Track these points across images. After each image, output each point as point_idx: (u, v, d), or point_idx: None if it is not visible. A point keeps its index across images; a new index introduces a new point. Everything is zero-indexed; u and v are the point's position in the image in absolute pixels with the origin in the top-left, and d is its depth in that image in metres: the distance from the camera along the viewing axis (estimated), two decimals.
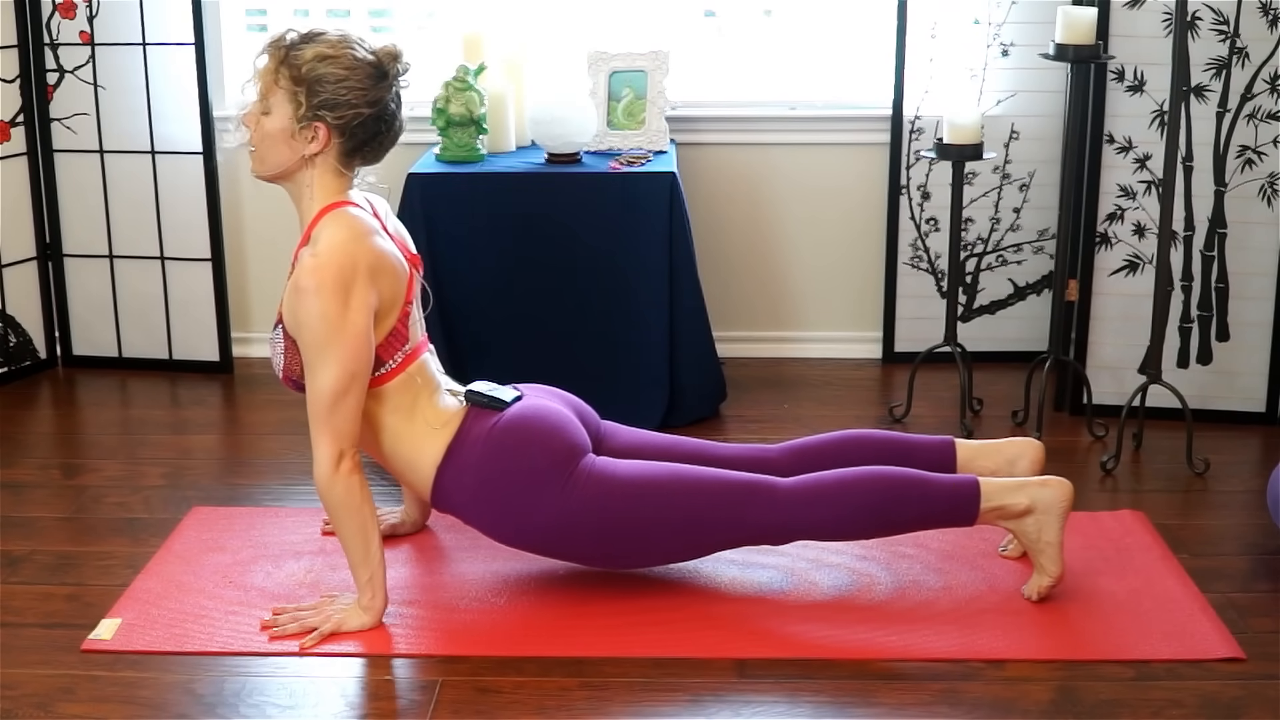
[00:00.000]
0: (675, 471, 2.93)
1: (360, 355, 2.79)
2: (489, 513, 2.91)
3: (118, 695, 2.66)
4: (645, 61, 4.18)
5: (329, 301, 2.76)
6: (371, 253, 2.81)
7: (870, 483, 2.91)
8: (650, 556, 2.98)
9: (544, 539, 2.91)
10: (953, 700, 2.63)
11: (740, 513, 2.89)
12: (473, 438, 2.90)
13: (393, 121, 2.90)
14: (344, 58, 2.82)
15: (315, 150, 2.84)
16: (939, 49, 4.26)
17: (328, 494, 2.81)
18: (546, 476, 2.86)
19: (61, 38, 4.26)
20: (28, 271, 4.38)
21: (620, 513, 2.87)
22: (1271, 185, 3.84)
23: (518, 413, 2.94)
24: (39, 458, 3.82)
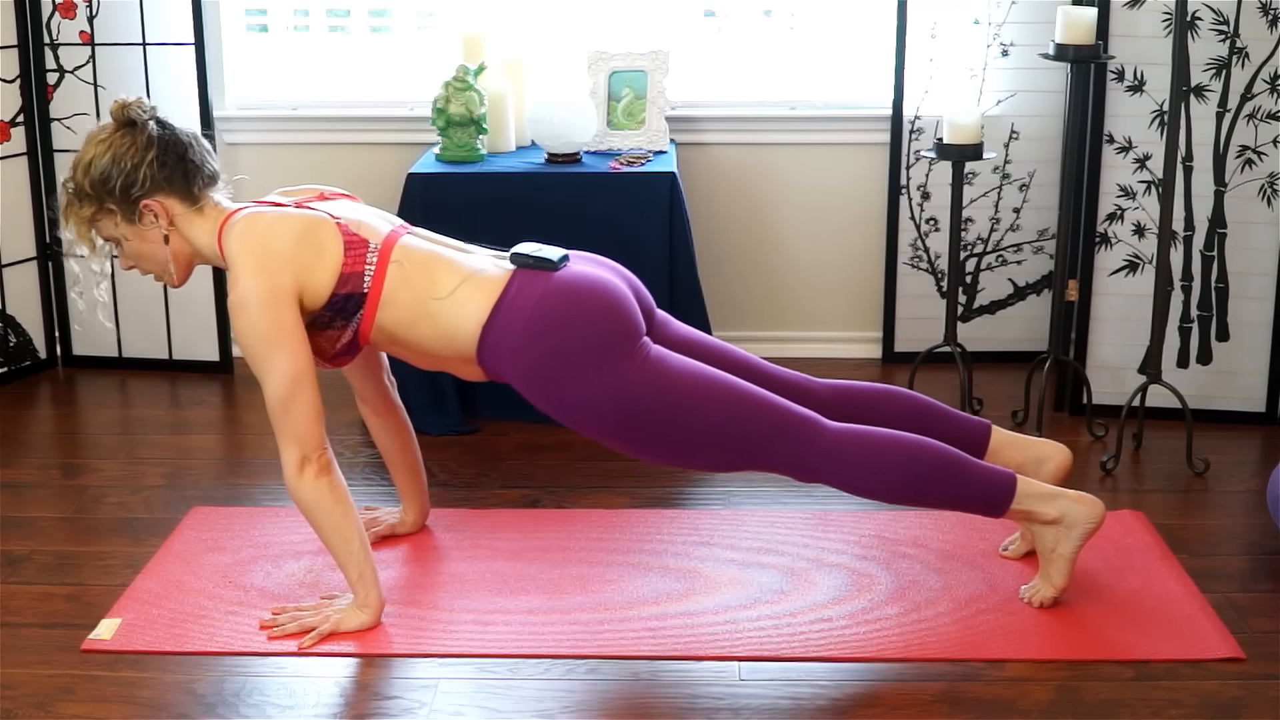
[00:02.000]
0: (728, 381, 2.86)
1: (294, 357, 2.76)
2: (531, 375, 2.82)
3: (118, 695, 2.66)
4: (645, 61, 4.19)
5: (253, 318, 2.75)
6: (272, 244, 2.78)
7: (913, 451, 2.87)
8: (680, 457, 2.90)
9: (581, 412, 2.82)
10: (953, 700, 2.63)
11: (782, 442, 2.84)
12: (521, 299, 2.82)
13: (182, 145, 2.88)
14: (92, 148, 2.85)
15: (166, 222, 2.86)
16: (939, 49, 4.26)
17: (296, 498, 2.82)
18: (597, 351, 2.79)
19: (61, 38, 4.26)
20: (28, 271, 4.38)
21: (665, 406, 2.81)
22: (1271, 185, 3.84)
23: (571, 278, 2.86)
24: (39, 458, 3.82)
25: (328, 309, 2.83)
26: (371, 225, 2.91)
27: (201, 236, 2.88)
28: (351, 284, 2.82)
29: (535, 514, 3.42)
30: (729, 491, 3.55)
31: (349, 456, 3.76)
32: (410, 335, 2.87)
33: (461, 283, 2.85)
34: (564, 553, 3.20)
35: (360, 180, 4.43)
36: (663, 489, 3.56)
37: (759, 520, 3.36)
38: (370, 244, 2.85)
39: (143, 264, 2.92)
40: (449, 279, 2.86)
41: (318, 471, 2.80)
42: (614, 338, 2.81)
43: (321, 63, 4.53)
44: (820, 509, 3.43)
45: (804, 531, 3.30)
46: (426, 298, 2.84)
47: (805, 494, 3.52)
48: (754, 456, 2.86)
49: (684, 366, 2.86)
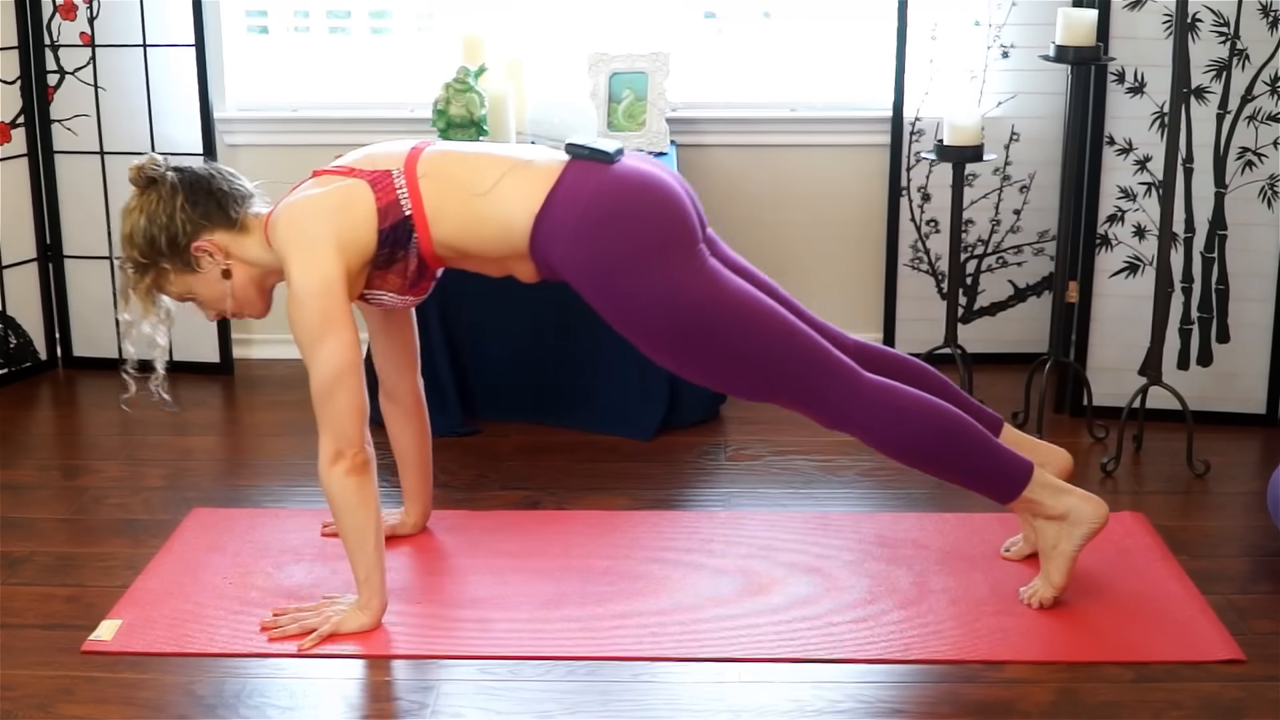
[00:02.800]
0: (779, 311, 2.85)
1: (340, 349, 2.75)
2: (585, 268, 2.79)
3: (118, 696, 2.66)
4: (645, 63, 4.19)
5: (302, 310, 2.76)
6: (308, 228, 2.80)
7: (944, 417, 2.87)
8: (717, 376, 2.88)
9: (631, 311, 2.80)
10: (953, 702, 2.63)
11: (821, 380, 2.84)
12: (576, 190, 2.79)
13: (205, 178, 2.90)
14: (127, 219, 2.88)
15: (222, 258, 2.87)
16: (939, 50, 4.26)
17: (324, 489, 2.82)
18: (655, 248, 2.78)
19: (62, 39, 4.26)
20: (28, 273, 4.38)
21: (716, 321, 2.79)
22: (1272, 187, 3.84)
23: (629, 172, 2.84)
24: (39, 459, 3.82)
25: (382, 246, 2.83)
26: (386, 153, 2.91)
27: (256, 252, 2.89)
28: (392, 214, 2.82)
29: (535, 515, 3.42)
30: (729, 493, 3.55)
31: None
32: (471, 241, 2.85)
33: (504, 174, 2.83)
34: (564, 554, 3.20)
35: None
36: (663, 491, 3.56)
37: (759, 522, 3.36)
38: (393, 170, 2.85)
39: (225, 306, 2.93)
40: (489, 172, 2.85)
41: (349, 469, 2.79)
42: (672, 237, 2.79)
43: (322, 64, 4.53)
44: (820, 511, 3.43)
45: (804, 533, 3.30)
46: (470, 197, 2.83)
47: (805, 496, 3.52)
48: (790, 390, 2.85)
49: (738, 285, 2.85)
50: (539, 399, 3.98)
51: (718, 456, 3.78)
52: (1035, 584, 2.96)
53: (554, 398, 3.95)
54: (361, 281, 2.89)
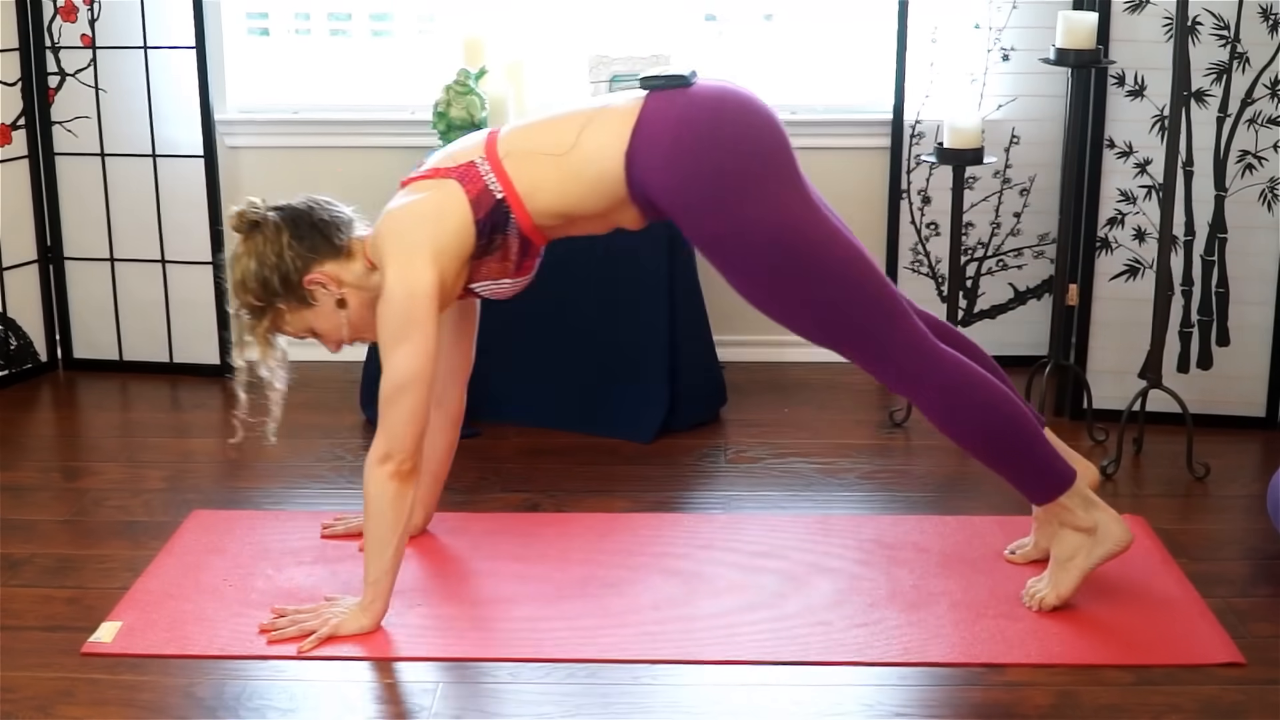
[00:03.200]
0: (867, 255, 2.84)
1: (414, 356, 2.76)
2: (685, 194, 2.77)
3: (118, 698, 2.66)
4: (646, 65, 4.18)
5: (386, 311, 2.79)
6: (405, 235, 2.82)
7: (1007, 404, 2.87)
8: (795, 315, 2.84)
9: (726, 232, 2.76)
10: (953, 704, 2.63)
11: (895, 335, 2.82)
12: (660, 119, 2.77)
13: (305, 212, 2.92)
14: (237, 265, 2.90)
15: (335, 288, 2.89)
16: (939, 53, 4.26)
17: (365, 484, 2.82)
18: (753, 158, 2.76)
19: (63, 41, 4.26)
20: (29, 274, 4.38)
21: (810, 251, 2.77)
22: (1272, 190, 3.84)
23: (713, 90, 2.82)
24: (40, 460, 3.82)
25: (481, 235, 2.84)
26: (466, 147, 2.92)
27: (365, 275, 2.90)
28: (484, 201, 2.83)
29: (535, 518, 3.42)
30: (729, 496, 3.55)
31: (349, 459, 3.76)
32: (571, 202, 2.85)
33: (583, 128, 2.83)
34: (564, 557, 3.20)
35: (361, 183, 4.42)
36: (663, 493, 3.56)
37: (759, 524, 3.36)
38: (476, 160, 2.86)
39: (343, 335, 2.95)
40: (568, 130, 2.85)
41: (394, 473, 2.79)
42: (772, 154, 2.78)
43: (323, 66, 4.53)
44: (820, 513, 3.43)
45: (804, 536, 3.30)
46: (556, 159, 2.83)
47: (806, 499, 3.53)
48: (866, 339, 2.83)
49: (837, 222, 2.83)
50: (539, 401, 3.98)
51: (718, 459, 3.78)
52: (1040, 588, 2.95)
53: (554, 400, 3.95)
54: (461, 281, 2.90)
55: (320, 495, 3.56)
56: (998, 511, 3.43)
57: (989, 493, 3.55)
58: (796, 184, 2.81)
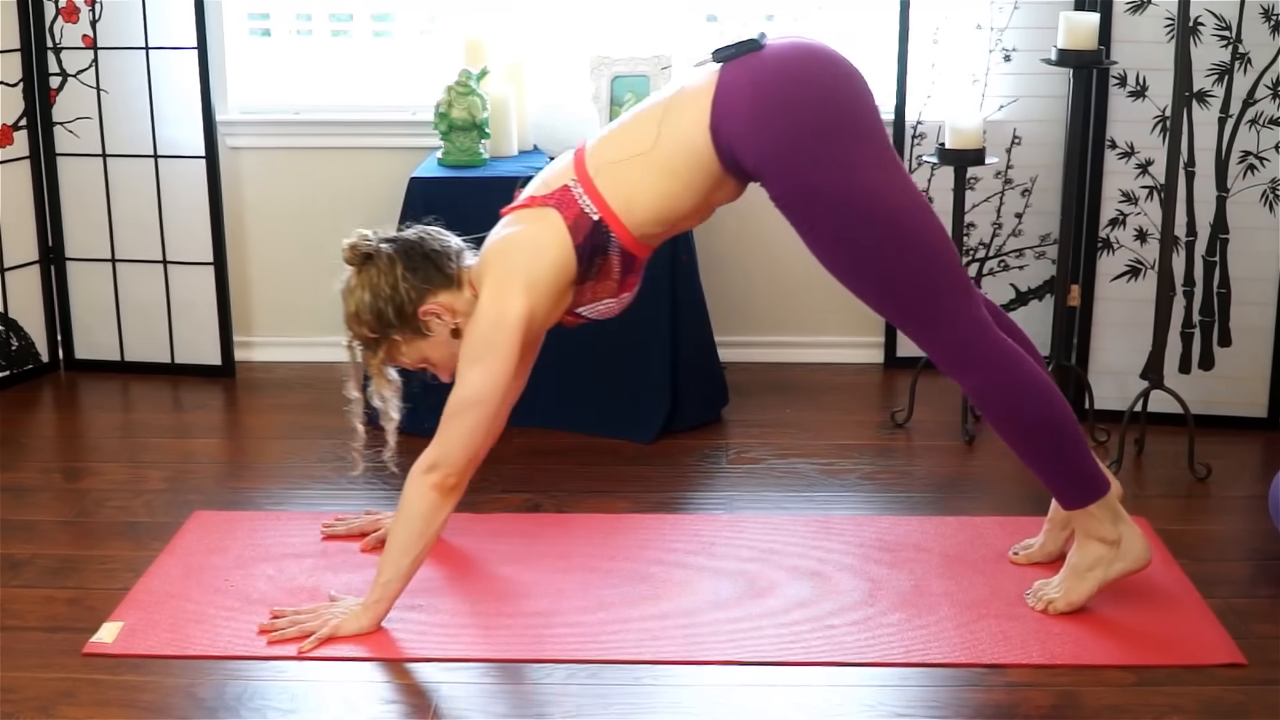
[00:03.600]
0: (944, 232, 2.82)
1: (485, 380, 2.79)
2: (772, 146, 2.76)
3: (119, 699, 2.66)
4: (647, 66, 4.19)
5: (474, 330, 2.82)
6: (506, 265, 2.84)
7: (1057, 401, 2.86)
8: (862, 277, 2.83)
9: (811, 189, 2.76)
10: (954, 705, 2.63)
11: (957, 311, 2.80)
12: (737, 85, 2.77)
13: (417, 243, 2.94)
14: (350, 298, 2.93)
15: (450, 318, 2.90)
16: (941, 54, 4.26)
17: (405, 485, 2.84)
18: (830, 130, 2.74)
19: (64, 41, 4.26)
20: (30, 275, 4.39)
21: (880, 214, 2.75)
22: (1273, 191, 3.84)
23: (786, 46, 2.82)
24: (41, 461, 3.82)
25: (582, 260, 2.85)
26: (557, 170, 2.94)
27: (473, 301, 2.90)
28: (582, 225, 2.84)
29: (536, 518, 3.42)
30: (730, 496, 3.55)
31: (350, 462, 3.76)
32: (669, 203, 2.86)
33: (661, 119, 2.84)
34: (565, 558, 3.20)
35: (362, 184, 4.44)
36: (664, 494, 3.56)
37: (760, 525, 3.36)
38: (569, 183, 2.87)
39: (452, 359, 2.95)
40: (647, 128, 2.86)
41: (436, 484, 2.81)
42: (849, 111, 2.77)
43: (324, 67, 4.53)
44: (822, 514, 3.43)
45: (805, 537, 3.30)
46: (643, 160, 2.84)
47: (807, 499, 3.52)
48: (929, 312, 2.82)
49: (915, 190, 2.82)
50: (540, 402, 3.97)
51: (719, 460, 3.78)
52: (1049, 592, 2.95)
53: (555, 401, 3.95)
54: (561, 309, 2.93)
55: (321, 496, 3.56)
56: (999, 512, 3.43)
57: (990, 493, 3.55)
58: (875, 141, 2.79)
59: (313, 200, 4.47)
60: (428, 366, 2.98)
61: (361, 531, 3.28)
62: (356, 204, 4.45)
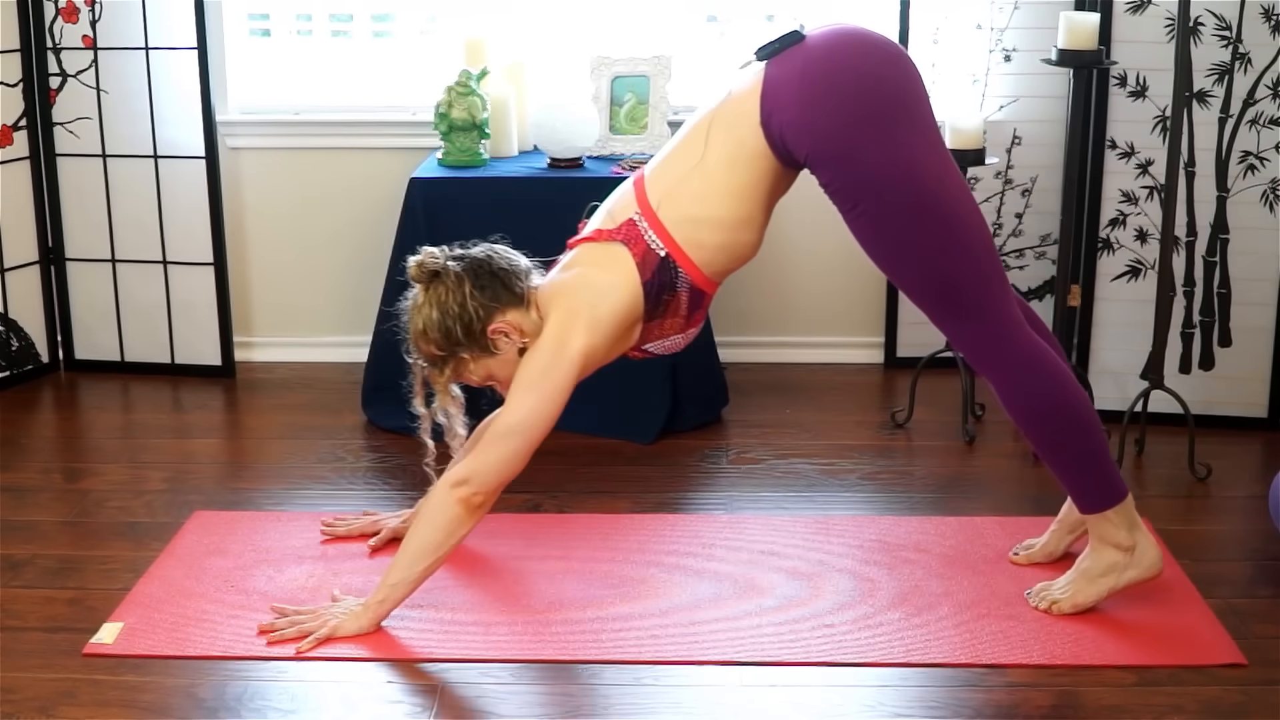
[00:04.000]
0: (985, 223, 2.82)
1: (535, 409, 2.80)
2: (820, 131, 2.76)
3: (119, 699, 2.66)
4: (648, 66, 4.19)
5: (532, 358, 2.83)
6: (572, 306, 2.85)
7: (1083, 404, 2.86)
8: (902, 266, 2.83)
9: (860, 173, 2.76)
10: (954, 705, 2.63)
11: (993, 304, 2.81)
12: (783, 76, 2.78)
13: (485, 260, 2.93)
14: (418, 315, 2.90)
15: (518, 337, 2.89)
16: (941, 54, 4.26)
17: (431, 493, 2.85)
18: (876, 117, 2.75)
19: (64, 42, 4.26)
20: (30, 275, 4.39)
21: (924, 202, 2.75)
22: (1274, 191, 3.84)
23: (829, 32, 2.82)
24: (41, 462, 3.82)
25: (649, 298, 2.86)
26: (621, 201, 2.93)
27: (540, 322, 2.91)
28: (649, 262, 2.85)
29: (537, 519, 3.42)
30: (731, 497, 3.55)
31: (350, 460, 3.76)
32: (736, 217, 2.87)
33: (710, 126, 2.86)
34: (565, 558, 3.20)
35: (362, 185, 4.44)
36: (664, 494, 3.56)
37: (761, 525, 3.36)
38: (634, 215, 2.87)
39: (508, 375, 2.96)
40: (694, 142, 2.87)
41: (462, 498, 2.80)
42: (894, 97, 2.77)
43: (324, 67, 4.53)
44: (822, 514, 3.43)
45: (806, 536, 3.30)
46: (701, 172, 2.84)
47: (808, 499, 3.52)
48: (963, 301, 2.81)
49: (959, 179, 2.82)
50: None
51: (719, 460, 3.78)
52: (1053, 592, 2.95)
53: None
54: (625, 346, 2.94)
55: (321, 496, 3.56)
56: (999, 512, 3.43)
57: (991, 493, 3.55)
58: (923, 127, 2.80)
59: (313, 200, 4.48)
60: (494, 384, 2.97)
61: (361, 533, 3.28)
62: (357, 204, 4.45)
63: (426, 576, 2.85)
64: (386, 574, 2.87)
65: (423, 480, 3.59)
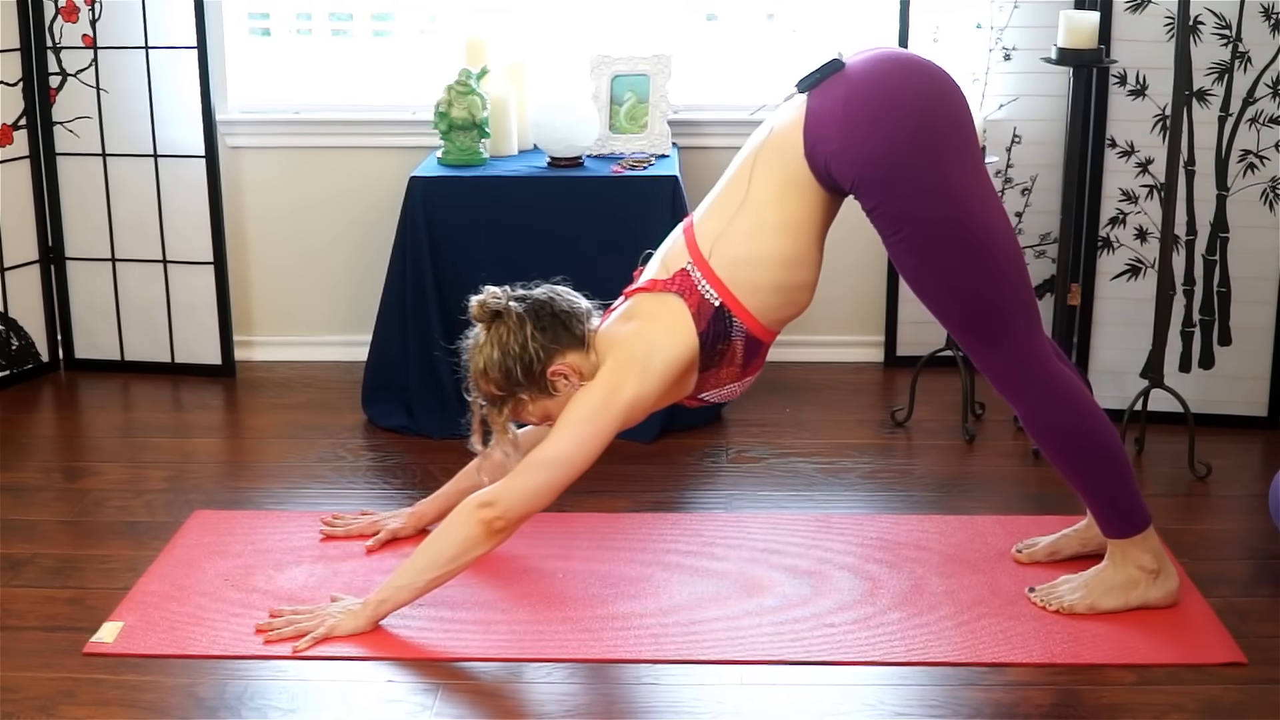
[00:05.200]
0: (1019, 251, 2.82)
1: (573, 451, 2.80)
2: (862, 159, 2.75)
3: (119, 698, 2.66)
4: (647, 65, 4.19)
5: (583, 398, 2.83)
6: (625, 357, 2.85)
7: (1107, 432, 2.87)
8: (938, 292, 2.82)
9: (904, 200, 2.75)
10: (954, 704, 2.63)
11: (1021, 333, 2.82)
12: (827, 105, 2.78)
13: (547, 302, 2.93)
14: (479, 354, 2.91)
15: (576, 378, 2.90)
16: (941, 53, 4.26)
17: (455, 510, 2.84)
18: (919, 145, 2.74)
19: (64, 41, 4.26)
20: (30, 275, 4.39)
21: (973, 226, 2.76)
22: (1273, 189, 3.84)
23: (870, 58, 2.81)
24: (41, 461, 3.82)
25: (706, 348, 2.86)
26: (673, 250, 2.93)
27: (598, 364, 2.91)
28: (705, 312, 2.85)
29: (537, 517, 3.40)
30: (731, 495, 3.55)
31: (349, 459, 3.76)
32: (789, 254, 2.87)
33: (753, 166, 2.86)
34: (566, 556, 3.20)
35: (362, 184, 4.44)
36: (665, 493, 3.56)
37: (761, 524, 3.36)
38: (686, 265, 2.87)
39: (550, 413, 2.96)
40: (740, 182, 2.87)
41: (485, 520, 2.79)
42: (937, 127, 2.76)
43: (324, 66, 4.53)
44: (822, 513, 3.43)
45: (806, 535, 3.30)
46: (747, 212, 2.84)
47: (807, 498, 3.52)
48: (994, 327, 2.81)
49: (999, 207, 2.82)
50: None
51: (719, 459, 3.78)
52: (1064, 595, 2.95)
53: None
54: (675, 396, 2.93)
55: (321, 495, 3.56)
56: (999, 511, 3.43)
57: (991, 492, 3.55)
58: (966, 153, 2.79)
59: (313, 200, 4.48)
60: (551, 423, 2.96)
61: (360, 533, 3.28)
62: (357, 203, 4.45)
63: (432, 588, 2.85)
64: (393, 576, 2.87)
65: (423, 480, 3.61)
